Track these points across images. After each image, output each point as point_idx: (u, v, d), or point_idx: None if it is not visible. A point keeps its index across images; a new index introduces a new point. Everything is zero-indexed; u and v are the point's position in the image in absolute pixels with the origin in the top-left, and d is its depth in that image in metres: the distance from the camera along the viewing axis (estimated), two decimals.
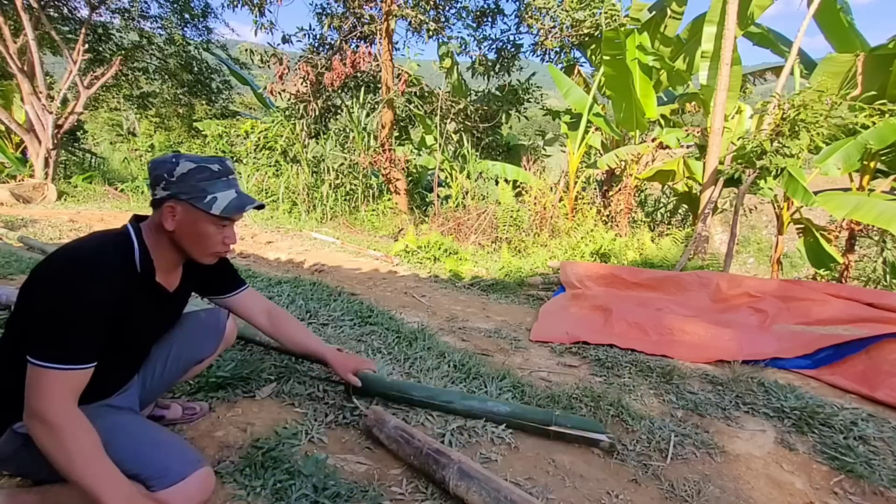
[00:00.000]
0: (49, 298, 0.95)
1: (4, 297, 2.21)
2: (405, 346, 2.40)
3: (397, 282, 4.45)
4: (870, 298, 3.08)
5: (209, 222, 1.10)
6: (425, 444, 1.40)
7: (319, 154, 8.96)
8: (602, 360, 2.61)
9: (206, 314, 1.48)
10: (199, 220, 1.09)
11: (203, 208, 1.07)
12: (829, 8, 5.93)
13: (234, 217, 1.13)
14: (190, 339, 1.39)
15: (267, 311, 1.54)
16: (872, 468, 1.65)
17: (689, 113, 9.18)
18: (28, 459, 1.01)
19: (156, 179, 1.08)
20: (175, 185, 1.06)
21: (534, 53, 9.62)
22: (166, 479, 0.99)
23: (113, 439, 1.03)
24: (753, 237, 13.60)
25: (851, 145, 5.19)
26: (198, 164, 1.08)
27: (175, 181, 1.06)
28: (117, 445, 1.02)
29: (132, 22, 11.28)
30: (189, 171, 1.07)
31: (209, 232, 1.11)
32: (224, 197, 1.09)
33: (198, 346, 1.41)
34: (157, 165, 1.08)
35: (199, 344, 1.42)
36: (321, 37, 9.47)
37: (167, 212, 1.08)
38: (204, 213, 1.08)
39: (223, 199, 1.09)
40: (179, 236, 1.10)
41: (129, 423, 1.10)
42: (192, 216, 1.08)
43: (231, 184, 1.13)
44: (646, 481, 1.54)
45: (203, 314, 1.47)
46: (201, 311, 1.50)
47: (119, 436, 1.04)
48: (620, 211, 7.08)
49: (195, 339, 1.40)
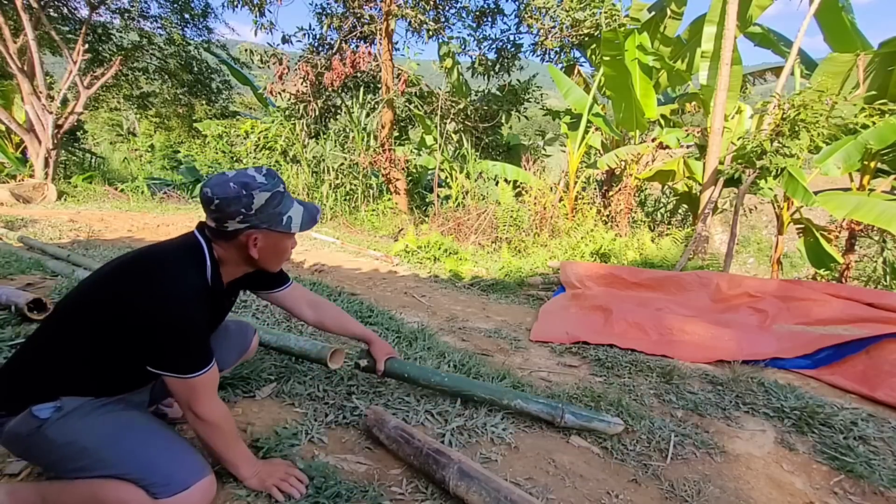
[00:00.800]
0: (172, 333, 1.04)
1: (4, 297, 2.21)
2: (405, 346, 2.40)
3: (397, 282, 4.45)
4: (870, 298, 3.08)
5: (288, 239, 1.22)
6: (425, 444, 1.39)
7: (319, 154, 8.97)
8: (602, 360, 2.61)
9: (234, 326, 1.53)
10: (280, 241, 1.20)
11: (283, 230, 1.17)
12: (830, 7, 5.92)
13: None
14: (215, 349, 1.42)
15: (310, 303, 1.62)
16: (872, 468, 1.65)
17: (689, 113, 9.18)
18: (38, 444, 1.03)
19: (231, 214, 1.10)
20: (255, 217, 1.12)
21: (534, 53, 9.62)
22: (170, 488, 0.99)
23: (122, 439, 1.03)
24: (753, 237, 13.60)
25: (851, 145, 5.19)
26: (271, 193, 1.13)
27: (254, 214, 1.11)
28: (125, 447, 1.02)
29: (132, 22, 11.28)
30: (266, 202, 1.12)
31: (287, 247, 1.24)
32: (296, 214, 1.19)
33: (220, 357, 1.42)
34: (228, 201, 1.09)
35: (222, 355, 1.43)
36: (321, 37, 9.48)
37: (251, 242, 1.15)
38: (284, 235, 1.19)
39: (296, 216, 1.19)
40: (261, 257, 1.19)
41: (139, 425, 1.10)
42: (272, 240, 1.18)
43: (290, 197, 1.21)
44: (646, 481, 1.54)
45: (232, 326, 1.52)
46: (230, 322, 1.52)
47: (128, 437, 1.05)
48: (620, 211, 7.08)
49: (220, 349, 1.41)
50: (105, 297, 1.07)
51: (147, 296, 1.03)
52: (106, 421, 1.06)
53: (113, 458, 1.01)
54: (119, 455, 1.01)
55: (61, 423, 1.02)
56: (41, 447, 1.02)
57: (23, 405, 1.03)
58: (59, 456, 1.02)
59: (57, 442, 1.01)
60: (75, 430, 1.01)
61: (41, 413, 1.02)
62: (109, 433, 1.04)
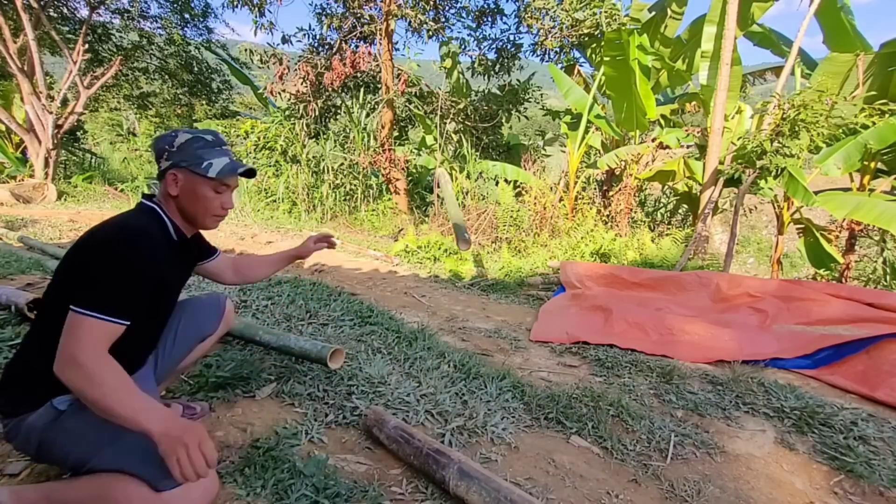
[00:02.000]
0: (103, 258, 1.04)
1: (4, 298, 2.21)
2: (405, 346, 2.40)
3: (397, 282, 4.45)
4: (870, 298, 3.08)
5: (207, 186, 1.21)
6: (425, 444, 1.39)
7: (319, 154, 8.96)
8: (602, 360, 2.61)
9: (206, 297, 1.60)
10: (199, 185, 1.20)
11: (201, 173, 1.19)
12: (830, 8, 5.93)
13: (228, 181, 1.23)
14: (194, 318, 1.49)
15: (233, 266, 1.64)
16: (872, 468, 1.65)
17: (689, 113, 9.18)
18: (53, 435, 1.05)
19: (159, 152, 1.20)
20: (176, 155, 1.19)
21: (534, 53, 9.62)
22: (171, 481, 0.99)
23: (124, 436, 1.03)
24: (753, 237, 13.60)
25: (851, 145, 5.18)
26: (194, 135, 1.21)
27: (176, 151, 1.19)
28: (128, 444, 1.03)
29: (132, 22, 11.28)
30: (187, 141, 1.20)
31: (208, 195, 1.22)
32: (218, 163, 1.21)
33: (201, 324, 1.52)
34: (159, 140, 1.22)
35: (202, 322, 1.52)
36: (321, 37, 9.47)
37: (171, 179, 1.20)
38: (202, 178, 1.19)
39: (218, 164, 1.20)
40: (183, 201, 1.22)
41: None
42: (192, 181, 1.20)
43: (224, 152, 1.24)
44: (646, 481, 1.54)
45: (203, 297, 1.59)
46: (202, 295, 1.61)
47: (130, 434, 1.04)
48: (620, 211, 7.08)
49: (198, 317, 1.51)
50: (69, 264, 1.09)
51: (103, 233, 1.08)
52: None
53: (120, 453, 1.01)
54: (126, 449, 1.02)
55: (78, 414, 1.04)
56: (55, 439, 1.05)
57: (45, 399, 1.06)
58: (70, 449, 1.04)
59: (72, 433, 1.04)
60: (89, 423, 1.03)
61: (61, 405, 1.05)
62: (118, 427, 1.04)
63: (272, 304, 2.84)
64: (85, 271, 1.04)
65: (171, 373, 1.52)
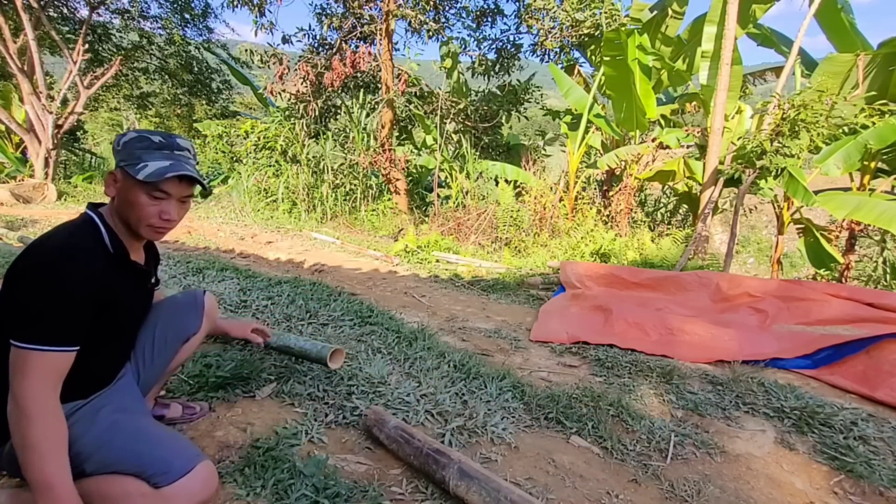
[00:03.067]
0: (29, 286, 0.95)
1: None
2: (405, 346, 2.40)
3: (397, 282, 4.45)
4: (870, 298, 3.07)
5: (140, 190, 1.07)
6: (425, 444, 1.39)
7: (319, 154, 8.96)
8: (602, 360, 2.61)
9: (182, 295, 1.48)
10: (131, 187, 1.07)
11: (132, 174, 1.05)
12: (830, 8, 5.93)
13: (163, 186, 1.07)
14: (172, 319, 1.39)
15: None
16: (872, 468, 1.65)
17: (689, 113, 9.18)
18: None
19: (113, 150, 1.11)
20: (119, 153, 1.08)
21: (534, 53, 9.63)
22: (170, 475, 1.00)
23: (112, 438, 1.04)
24: (753, 237, 13.60)
25: (851, 145, 5.18)
26: (139, 134, 1.09)
27: (120, 149, 1.08)
28: (117, 444, 1.03)
29: (132, 22, 11.28)
30: (131, 140, 1.08)
31: (141, 201, 1.07)
32: (154, 165, 1.06)
33: (181, 325, 1.41)
34: (116, 139, 1.11)
35: (182, 322, 1.41)
36: (321, 37, 9.49)
37: (110, 179, 1.10)
38: (133, 180, 1.06)
39: (152, 166, 1.06)
40: (119, 206, 1.10)
41: (127, 422, 1.10)
42: (126, 184, 1.08)
43: (171, 157, 1.09)
44: (646, 481, 1.54)
45: (180, 296, 1.48)
46: (177, 293, 1.50)
47: (117, 435, 1.05)
48: (620, 211, 7.08)
49: (177, 318, 1.41)
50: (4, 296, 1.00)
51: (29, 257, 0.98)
52: (96, 421, 1.06)
53: (111, 457, 1.01)
54: (116, 453, 1.01)
55: None
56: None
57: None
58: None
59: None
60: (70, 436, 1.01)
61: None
62: (101, 433, 1.04)
63: (272, 304, 2.84)
64: (16, 301, 0.96)
65: (160, 378, 1.44)
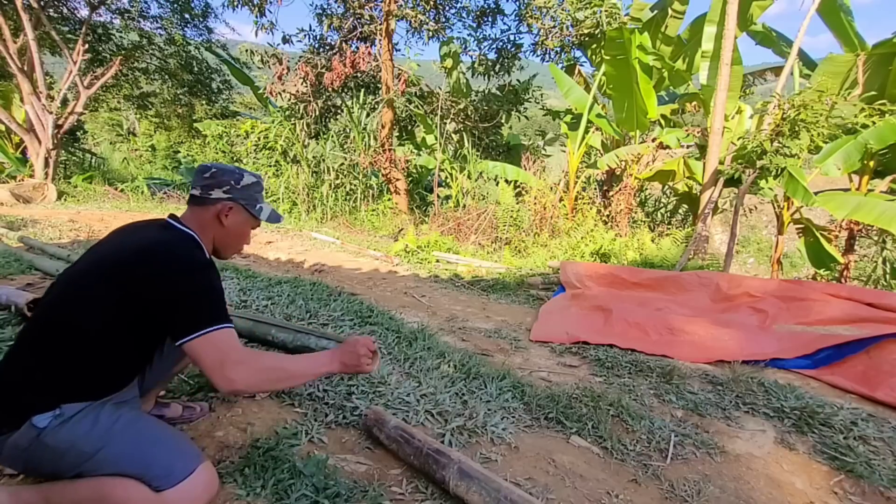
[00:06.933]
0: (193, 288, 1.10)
1: (4, 297, 2.21)
2: (405, 346, 2.40)
3: (397, 282, 4.45)
4: (870, 298, 3.08)
5: (249, 226, 1.35)
6: (425, 444, 1.39)
7: (319, 154, 8.96)
8: (602, 360, 2.61)
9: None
10: (246, 223, 1.33)
11: (254, 214, 1.32)
12: (831, 8, 5.93)
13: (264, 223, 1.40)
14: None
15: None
16: (872, 468, 1.65)
17: (689, 113, 9.19)
18: (37, 454, 1.02)
19: (220, 183, 1.26)
20: (239, 192, 1.28)
21: (534, 53, 9.63)
22: (170, 479, 1.00)
23: (112, 441, 1.03)
24: (753, 237, 13.60)
25: (851, 145, 5.18)
26: (257, 180, 1.34)
27: (240, 189, 1.28)
28: (118, 448, 1.03)
29: (132, 22, 11.28)
30: (251, 184, 1.31)
31: (247, 233, 1.36)
32: (266, 208, 1.36)
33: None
34: (223, 171, 1.28)
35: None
36: (321, 37, 9.49)
37: (224, 209, 1.27)
38: (252, 218, 1.33)
39: (266, 210, 1.36)
40: (226, 232, 1.30)
41: (127, 424, 1.10)
42: (242, 218, 1.31)
43: (266, 200, 1.32)
44: (646, 481, 1.54)
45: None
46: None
47: (118, 438, 1.05)
48: (620, 211, 7.08)
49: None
50: (109, 287, 1.07)
51: (175, 268, 1.10)
52: (100, 422, 1.05)
53: (111, 458, 1.01)
54: (117, 454, 1.01)
55: (58, 429, 1.01)
56: (41, 457, 1.02)
57: (24, 418, 1.02)
58: (59, 462, 1.02)
59: (56, 449, 1.01)
60: (72, 435, 1.01)
61: (40, 423, 1.01)
62: (104, 434, 1.04)
63: (272, 304, 2.84)
64: (177, 302, 1.08)
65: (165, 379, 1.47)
